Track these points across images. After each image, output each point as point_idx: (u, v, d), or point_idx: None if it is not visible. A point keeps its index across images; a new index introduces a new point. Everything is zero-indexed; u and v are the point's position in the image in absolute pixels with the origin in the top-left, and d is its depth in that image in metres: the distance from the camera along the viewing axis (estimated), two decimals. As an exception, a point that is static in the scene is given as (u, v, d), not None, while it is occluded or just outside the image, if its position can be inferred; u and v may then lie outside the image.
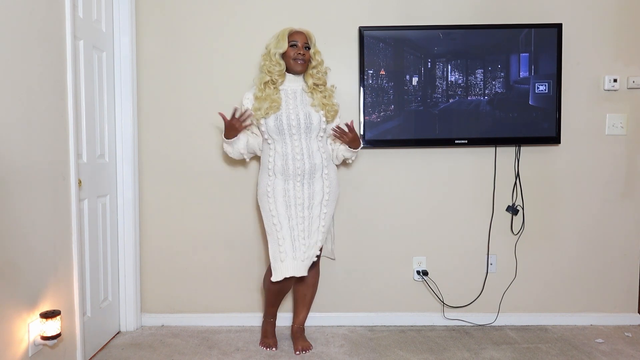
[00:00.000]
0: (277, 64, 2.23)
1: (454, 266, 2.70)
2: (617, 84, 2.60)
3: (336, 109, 2.31)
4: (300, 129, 2.21)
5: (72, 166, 1.98)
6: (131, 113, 2.53)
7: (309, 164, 2.22)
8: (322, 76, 2.29)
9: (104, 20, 2.38)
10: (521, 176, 2.66)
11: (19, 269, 1.69)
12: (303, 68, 2.26)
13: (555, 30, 2.52)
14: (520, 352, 2.34)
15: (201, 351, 2.35)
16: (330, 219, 2.31)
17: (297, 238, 2.19)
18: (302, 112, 2.22)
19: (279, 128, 2.20)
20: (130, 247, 2.57)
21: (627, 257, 2.70)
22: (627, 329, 2.64)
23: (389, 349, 2.38)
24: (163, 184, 2.66)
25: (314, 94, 2.27)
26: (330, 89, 2.32)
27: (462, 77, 2.55)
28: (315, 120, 2.23)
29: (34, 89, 1.77)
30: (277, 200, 2.22)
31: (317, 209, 2.25)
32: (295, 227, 2.21)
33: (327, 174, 2.28)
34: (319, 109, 2.25)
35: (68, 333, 1.98)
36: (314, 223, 2.25)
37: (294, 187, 2.23)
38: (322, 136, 2.28)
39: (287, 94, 2.27)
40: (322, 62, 2.30)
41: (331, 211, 2.31)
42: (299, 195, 2.23)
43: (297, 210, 2.22)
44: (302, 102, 2.26)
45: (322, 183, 2.26)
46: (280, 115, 2.20)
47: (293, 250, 2.17)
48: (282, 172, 2.22)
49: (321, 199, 2.26)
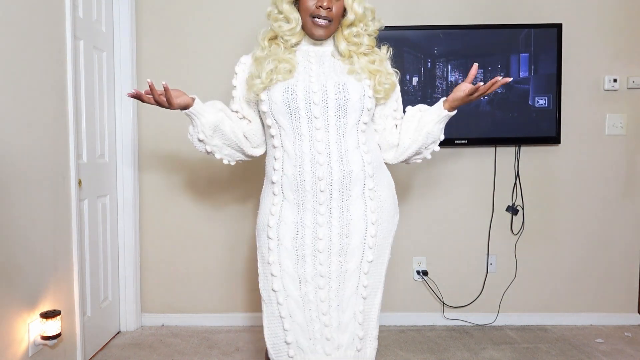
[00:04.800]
0: (286, 18, 1.36)
1: (454, 266, 2.70)
2: (617, 84, 2.60)
3: (393, 81, 1.42)
4: (328, 110, 1.32)
5: (72, 166, 1.99)
6: (131, 113, 2.53)
7: (340, 173, 1.32)
8: (364, 39, 1.39)
9: (104, 20, 2.38)
10: (521, 176, 2.66)
11: (19, 269, 1.69)
12: (327, 32, 1.37)
13: (555, 30, 2.52)
14: (520, 352, 2.34)
15: (201, 351, 2.35)
16: (380, 275, 1.41)
17: (318, 315, 1.31)
18: (331, 82, 1.34)
19: (290, 105, 1.32)
20: (130, 247, 2.57)
21: (627, 257, 2.69)
22: (627, 329, 2.64)
23: (389, 349, 2.38)
24: (163, 184, 2.66)
25: (355, 57, 1.40)
26: (382, 53, 1.45)
27: (462, 77, 2.55)
28: (355, 93, 1.34)
29: (34, 89, 1.77)
30: (283, 247, 1.34)
31: (356, 256, 1.34)
32: (313, 294, 1.32)
33: (372, 190, 1.37)
34: (362, 77, 1.37)
35: (68, 333, 1.98)
36: (348, 283, 1.33)
37: (315, 217, 1.33)
38: (366, 124, 1.38)
39: (309, 56, 1.41)
40: (366, 14, 1.39)
41: (384, 260, 1.40)
42: (324, 234, 1.32)
43: (316, 262, 1.32)
44: (333, 68, 1.39)
45: (364, 206, 1.35)
46: (295, 85, 1.33)
47: (310, 337, 1.30)
48: (295, 188, 1.34)
49: (364, 235, 1.34)
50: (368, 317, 1.36)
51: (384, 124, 1.47)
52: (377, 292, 1.39)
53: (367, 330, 1.35)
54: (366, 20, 1.39)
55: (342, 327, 1.31)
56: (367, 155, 1.37)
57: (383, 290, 1.41)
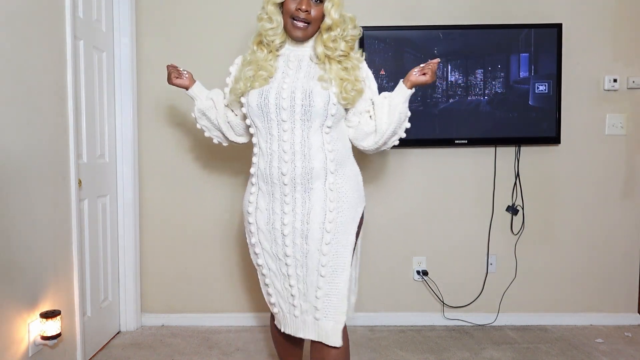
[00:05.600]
0: (269, 19, 1.51)
1: (454, 266, 2.70)
2: (617, 84, 2.60)
3: (360, 88, 1.53)
4: (295, 114, 1.47)
5: (72, 166, 1.99)
6: (131, 113, 2.53)
7: (302, 169, 1.48)
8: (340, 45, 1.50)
9: (104, 20, 2.38)
10: (521, 176, 2.66)
11: (19, 269, 1.69)
12: (305, 34, 1.51)
13: (555, 30, 2.52)
14: (520, 352, 2.34)
15: (201, 351, 2.35)
16: (343, 256, 1.52)
17: (286, 287, 1.56)
18: (300, 89, 1.48)
19: (262, 109, 1.49)
20: (130, 247, 2.57)
21: (627, 257, 2.69)
22: (627, 329, 2.64)
23: (389, 349, 2.38)
24: (163, 184, 2.66)
25: (328, 64, 1.52)
26: (356, 58, 1.56)
27: (462, 77, 2.55)
28: (319, 101, 1.47)
29: (34, 89, 1.77)
30: (260, 229, 1.56)
31: (316, 239, 1.50)
32: (285, 271, 1.54)
33: (333, 183, 1.52)
34: (329, 86, 1.49)
35: (68, 333, 1.98)
36: (310, 260, 1.50)
37: (282, 205, 1.51)
38: (330, 127, 1.52)
39: (288, 61, 1.56)
40: (342, 20, 1.51)
41: (345, 243, 1.52)
42: (288, 220, 1.50)
43: (284, 244, 1.52)
44: (307, 74, 1.53)
45: (324, 196, 1.50)
46: (268, 91, 1.49)
47: (286, 303, 1.58)
48: (266, 180, 1.53)
49: (322, 220, 1.50)
50: (330, 293, 1.51)
51: (358, 119, 1.61)
52: (342, 272, 1.52)
53: (327, 304, 1.51)
54: (345, 27, 1.51)
55: (304, 297, 1.54)
56: (331, 154, 1.52)
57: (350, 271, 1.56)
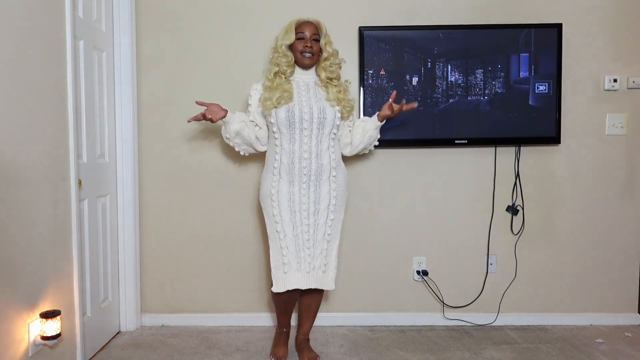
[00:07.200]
0: (284, 55, 2.10)
1: (454, 266, 2.70)
2: (617, 84, 2.60)
3: (352, 105, 2.18)
4: (313, 124, 2.07)
5: (72, 166, 1.99)
6: (131, 113, 2.53)
7: (316, 165, 2.08)
8: (335, 69, 2.16)
9: (104, 20, 2.38)
10: (521, 176, 2.66)
11: (19, 269, 1.69)
12: (312, 62, 2.13)
13: (555, 31, 2.52)
14: (520, 352, 2.34)
15: (201, 351, 2.35)
16: (337, 227, 2.16)
17: (302, 248, 2.06)
18: (316, 106, 2.08)
19: (289, 120, 2.06)
20: (130, 247, 2.57)
21: (627, 257, 2.70)
22: (627, 329, 2.64)
23: (389, 349, 2.38)
24: (163, 184, 2.66)
25: (328, 88, 2.14)
26: (344, 84, 2.20)
27: (462, 77, 2.55)
28: (330, 115, 2.09)
29: (34, 88, 1.77)
30: (282, 205, 2.08)
31: (323, 215, 2.11)
32: (300, 235, 2.07)
33: (335, 177, 2.12)
34: (334, 104, 2.12)
35: (68, 333, 1.98)
36: (319, 231, 2.10)
37: (300, 190, 2.08)
38: (335, 134, 2.14)
39: (299, 86, 2.14)
40: (334, 53, 2.16)
41: (339, 218, 2.17)
42: (305, 200, 2.08)
43: (302, 216, 2.08)
44: (316, 95, 2.13)
45: (329, 186, 2.12)
46: (293, 107, 2.07)
47: (297, 261, 2.05)
48: (288, 171, 2.08)
49: (328, 203, 2.11)
50: (330, 254, 2.14)
51: (342, 132, 2.25)
52: (336, 239, 2.17)
53: (329, 261, 2.14)
54: (336, 56, 2.18)
55: (315, 257, 2.10)
56: (333, 155, 2.15)
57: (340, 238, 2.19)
